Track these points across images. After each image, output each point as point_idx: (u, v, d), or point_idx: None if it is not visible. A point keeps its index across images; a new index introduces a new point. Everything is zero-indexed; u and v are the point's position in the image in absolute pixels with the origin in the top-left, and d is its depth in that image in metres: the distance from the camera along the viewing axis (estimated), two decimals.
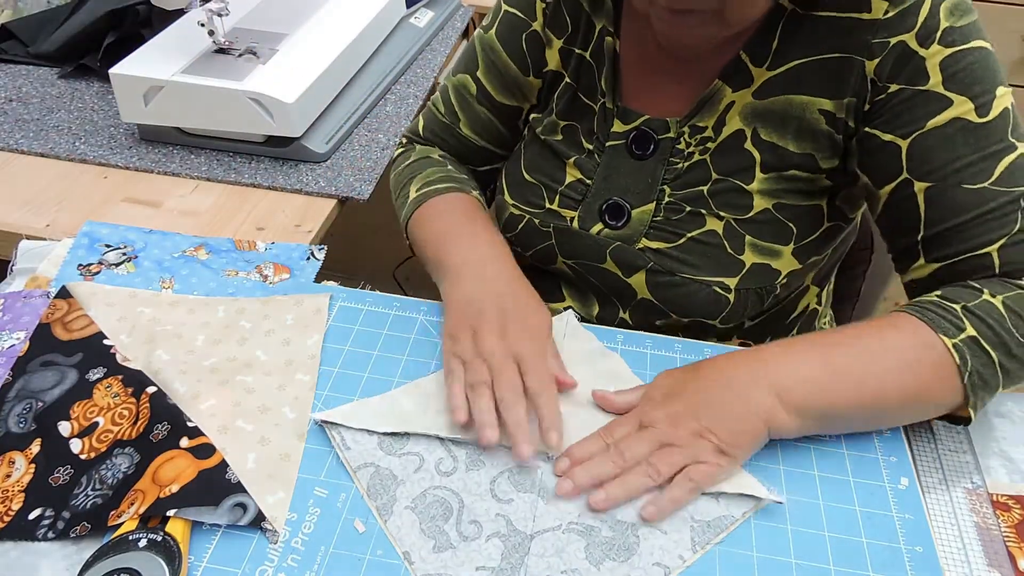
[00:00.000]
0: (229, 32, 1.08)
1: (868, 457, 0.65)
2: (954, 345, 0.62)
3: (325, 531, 0.59)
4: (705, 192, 0.76)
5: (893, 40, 0.67)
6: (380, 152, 1.08)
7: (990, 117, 0.66)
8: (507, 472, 0.63)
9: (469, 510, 0.60)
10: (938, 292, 0.67)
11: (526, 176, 0.84)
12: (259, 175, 1.02)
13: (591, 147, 0.80)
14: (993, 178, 0.65)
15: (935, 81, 0.66)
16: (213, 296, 0.78)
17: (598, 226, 0.80)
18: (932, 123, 0.67)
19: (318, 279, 0.82)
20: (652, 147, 0.78)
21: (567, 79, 0.81)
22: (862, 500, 0.62)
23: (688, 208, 0.77)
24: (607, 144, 0.79)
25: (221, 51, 1.07)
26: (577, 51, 0.80)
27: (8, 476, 0.62)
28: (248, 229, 0.93)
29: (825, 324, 0.95)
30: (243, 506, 0.59)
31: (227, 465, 0.61)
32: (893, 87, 0.68)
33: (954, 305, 0.65)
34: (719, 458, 0.61)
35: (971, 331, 0.63)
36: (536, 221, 0.83)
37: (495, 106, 0.87)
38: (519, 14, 0.83)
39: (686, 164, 0.77)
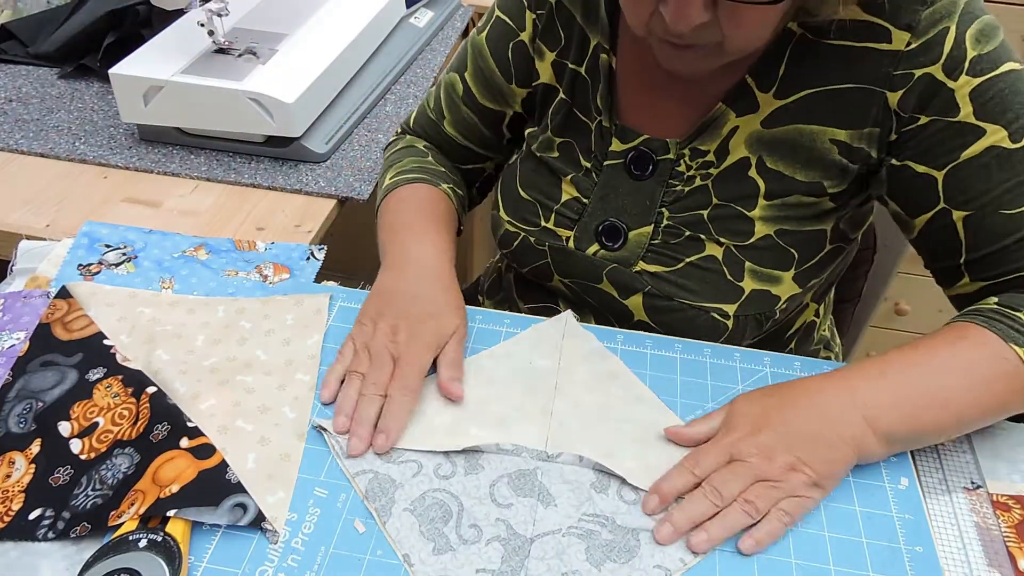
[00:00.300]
0: (229, 32, 1.08)
1: None
2: None
3: (325, 531, 0.59)
4: (705, 217, 0.75)
5: (918, 72, 0.65)
6: (380, 152, 1.08)
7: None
8: (506, 477, 0.63)
9: (469, 513, 0.60)
10: (996, 299, 0.67)
11: (522, 193, 0.83)
12: (259, 175, 1.02)
13: (588, 165, 0.79)
14: None
15: (966, 112, 0.65)
16: (213, 296, 0.78)
17: (594, 247, 0.79)
18: (966, 154, 0.66)
19: (318, 279, 0.82)
20: (651, 168, 0.76)
21: (562, 94, 0.80)
22: (862, 500, 0.62)
23: (687, 232, 0.75)
24: (605, 163, 0.78)
25: (221, 51, 1.07)
26: (571, 65, 0.79)
27: (8, 476, 0.62)
28: (248, 229, 0.93)
29: (825, 331, 0.94)
30: (243, 506, 0.59)
31: (227, 465, 0.61)
32: (923, 119, 0.67)
33: (1017, 313, 0.65)
34: (812, 491, 0.60)
35: None
36: (532, 239, 0.82)
37: (478, 108, 0.87)
38: (509, 22, 0.82)
39: (687, 188, 0.75)
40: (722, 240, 0.75)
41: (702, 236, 0.75)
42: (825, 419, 0.62)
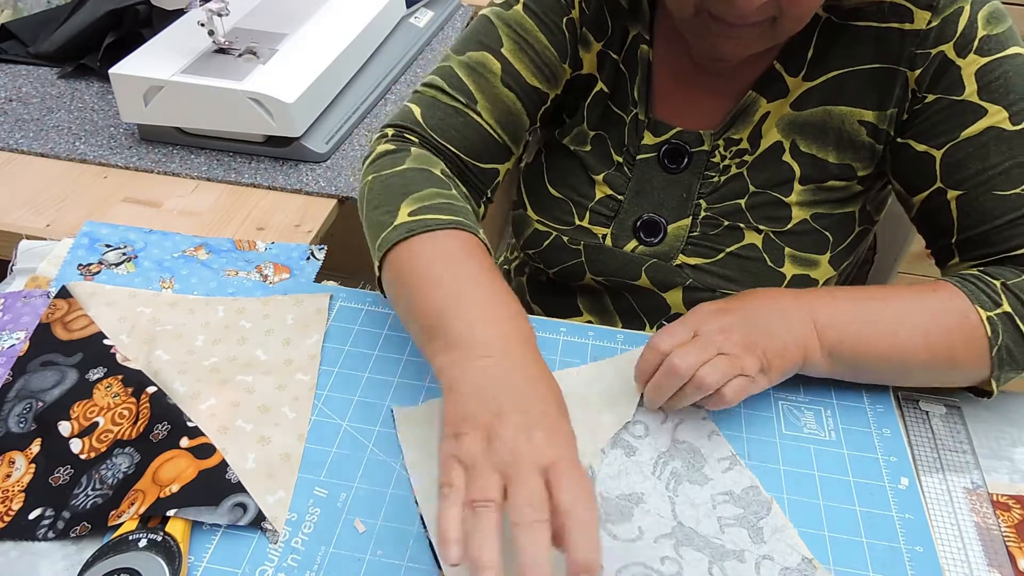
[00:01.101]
0: (229, 32, 1.08)
1: (868, 457, 0.65)
2: (988, 318, 0.64)
3: (325, 531, 0.59)
4: (743, 205, 0.75)
5: (934, 51, 0.67)
6: None
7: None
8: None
9: None
10: (981, 268, 0.68)
11: (552, 190, 0.81)
12: (259, 175, 1.02)
13: (620, 159, 0.78)
14: None
15: (970, 91, 0.66)
16: (213, 296, 0.78)
17: (632, 243, 0.78)
18: (966, 133, 0.67)
19: (318, 279, 0.82)
20: (685, 160, 0.76)
21: (601, 86, 0.78)
22: (862, 500, 0.62)
23: (726, 222, 0.76)
24: (638, 157, 0.77)
25: (221, 51, 1.07)
26: (612, 55, 0.77)
27: (8, 476, 0.62)
28: (248, 229, 0.93)
29: None
30: (243, 506, 0.59)
31: (227, 465, 0.61)
32: (930, 97, 0.68)
33: (994, 281, 0.66)
34: (759, 376, 0.62)
35: (1007, 307, 0.64)
36: (565, 239, 0.80)
37: (524, 89, 0.76)
38: None
39: (723, 178, 0.75)
40: (761, 227, 0.75)
41: (741, 225, 0.76)
42: (782, 318, 0.64)
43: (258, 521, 0.58)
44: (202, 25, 1.05)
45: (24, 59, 1.24)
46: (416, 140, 0.76)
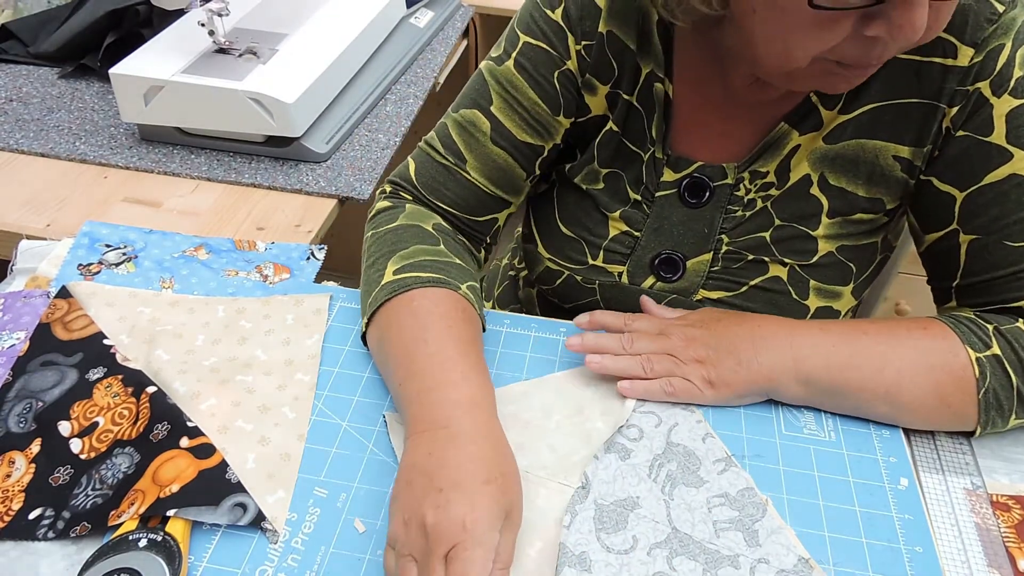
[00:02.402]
0: (229, 32, 1.08)
1: (868, 457, 0.65)
2: (977, 359, 0.63)
3: (325, 531, 0.59)
4: (768, 239, 0.74)
5: (972, 88, 0.65)
6: (380, 152, 1.08)
7: None
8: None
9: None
10: (976, 311, 0.68)
11: (563, 229, 0.79)
12: (259, 175, 1.02)
13: (637, 197, 0.76)
14: None
15: (999, 133, 0.65)
16: (213, 296, 0.78)
17: (650, 280, 0.78)
18: (989, 178, 0.66)
19: (318, 279, 0.82)
20: (707, 195, 0.74)
21: (612, 125, 0.75)
22: (862, 500, 0.62)
23: (750, 256, 0.75)
24: (657, 194, 0.76)
25: (221, 51, 1.07)
26: (624, 96, 0.74)
27: (8, 476, 0.62)
28: (248, 229, 0.93)
29: None
30: (243, 506, 0.59)
31: (227, 465, 0.61)
32: (960, 133, 0.67)
33: (987, 324, 0.65)
34: (704, 385, 0.66)
35: (996, 350, 0.64)
36: (578, 278, 0.79)
37: (515, 145, 0.76)
38: (548, 48, 0.73)
39: (747, 212, 0.74)
40: (786, 260, 0.74)
41: (766, 259, 0.74)
42: (752, 341, 0.67)
43: (258, 521, 0.58)
44: (202, 25, 1.05)
45: (24, 59, 1.24)
46: (410, 197, 0.79)
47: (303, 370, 0.71)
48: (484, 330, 0.72)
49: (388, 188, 0.80)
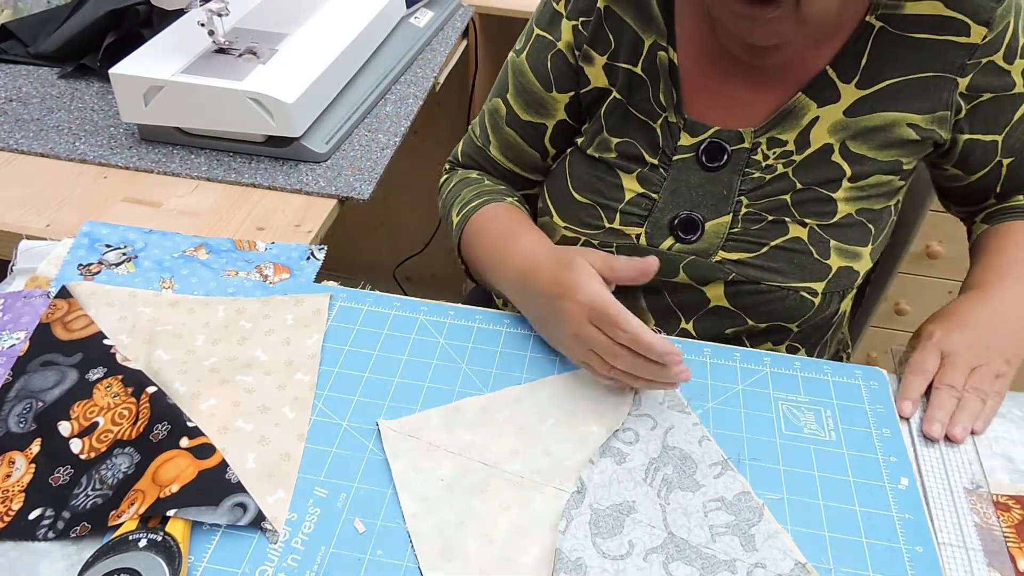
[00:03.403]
0: (229, 32, 1.08)
1: (868, 457, 0.65)
2: None
3: (325, 531, 0.59)
4: (788, 201, 0.76)
5: (984, 60, 0.72)
6: (380, 152, 1.08)
7: None
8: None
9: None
10: (1001, 204, 0.84)
11: (576, 196, 0.82)
12: (259, 175, 1.02)
13: (654, 161, 0.79)
14: None
15: (1020, 85, 0.74)
16: (213, 296, 0.78)
17: (669, 241, 0.79)
18: (1019, 114, 0.76)
19: (318, 279, 0.82)
20: (725, 158, 0.77)
21: (615, 95, 0.80)
22: (862, 500, 0.62)
23: (770, 217, 0.76)
24: (674, 158, 0.78)
25: (221, 51, 1.07)
26: (623, 66, 0.79)
27: (8, 476, 0.62)
28: (248, 229, 0.93)
29: (844, 331, 0.94)
30: (243, 506, 0.59)
31: (227, 465, 0.61)
32: (985, 96, 0.74)
33: None
34: (1007, 369, 0.71)
35: None
36: (595, 243, 0.81)
37: (520, 125, 0.86)
38: (547, 35, 0.82)
39: (767, 176, 0.76)
40: (806, 221, 0.76)
41: (786, 219, 0.76)
42: (1018, 316, 0.74)
43: (258, 521, 0.58)
44: (202, 25, 1.05)
45: (24, 59, 1.24)
46: (459, 169, 0.96)
47: (303, 370, 0.71)
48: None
49: (447, 166, 0.97)
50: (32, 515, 0.59)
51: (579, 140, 0.84)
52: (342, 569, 0.57)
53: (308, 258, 0.85)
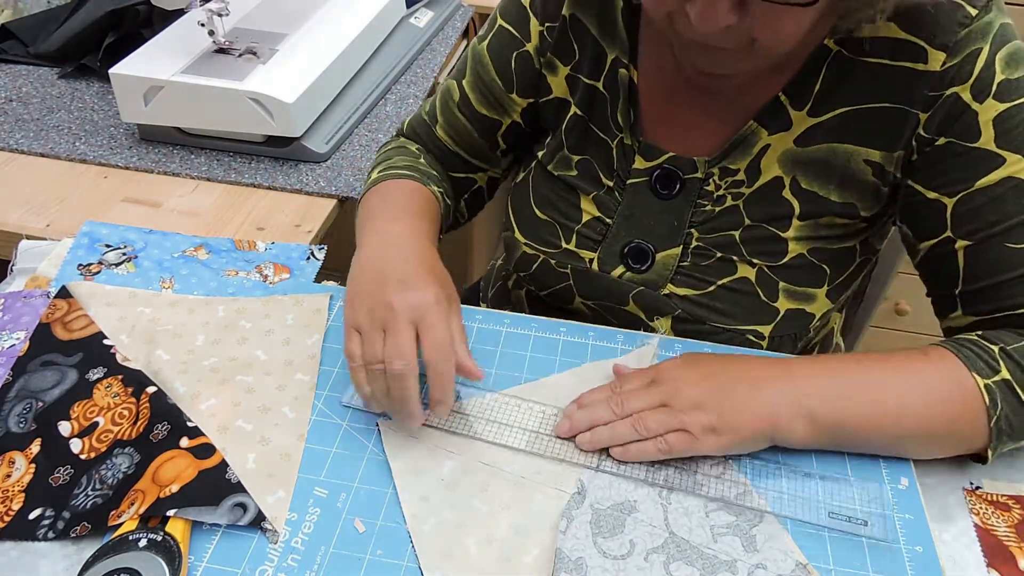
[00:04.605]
0: (229, 32, 1.08)
1: (868, 457, 0.65)
2: (986, 386, 0.61)
3: (325, 531, 0.59)
4: (737, 238, 0.73)
5: (947, 92, 0.63)
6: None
7: None
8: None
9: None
10: (979, 332, 0.66)
11: (538, 213, 0.81)
12: (259, 175, 1.02)
13: (610, 184, 0.77)
14: None
15: (987, 138, 0.63)
16: (213, 296, 0.78)
17: (620, 269, 0.77)
18: (981, 183, 0.64)
19: (318, 279, 0.82)
20: (678, 187, 0.74)
21: (576, 110, 0.77)
22: (862, 500, 0.62)
23: (718, 254, 0.74)
24: (628, 181, 0.76)
25: (221, 51, 1.07)
26: (585, 80, 0.76)
27: (8, 476, 0.62)
28: (248, 229, 0.93)
29: (838, 338, 0.93)
30: (243, 506, 0.59)
31: (227, 465, 0.61)
32: (941, 140, 0.65)
33: (992, 346, 0.63)
34: (706, 434, 0.61)
35: (1006, 374, 0.61)
36: (552, 262, 0.80)
37: (474, 115, 0.84)
38: (512, 31, 0.80)
39: (717, 208, 0.73)
40: (755, 261, 0.73)
41: (734, 258, 0.73)
42: (750, 384, 0.63)
43: (258, 521, 0.58)
44: (202, 25, 1.05)
45: (24, 59, 1.24)
46: (403, 137, 0.92)
47: (303, 370, 0.71)
48: (448, 228, 0.88)
49: (395, 133, 0.94)
50: (32, 515, 0.59)
51: (541, 154, 0.82)
52: (342, 569, 0.57)
53: (308, 258, 0.85)
